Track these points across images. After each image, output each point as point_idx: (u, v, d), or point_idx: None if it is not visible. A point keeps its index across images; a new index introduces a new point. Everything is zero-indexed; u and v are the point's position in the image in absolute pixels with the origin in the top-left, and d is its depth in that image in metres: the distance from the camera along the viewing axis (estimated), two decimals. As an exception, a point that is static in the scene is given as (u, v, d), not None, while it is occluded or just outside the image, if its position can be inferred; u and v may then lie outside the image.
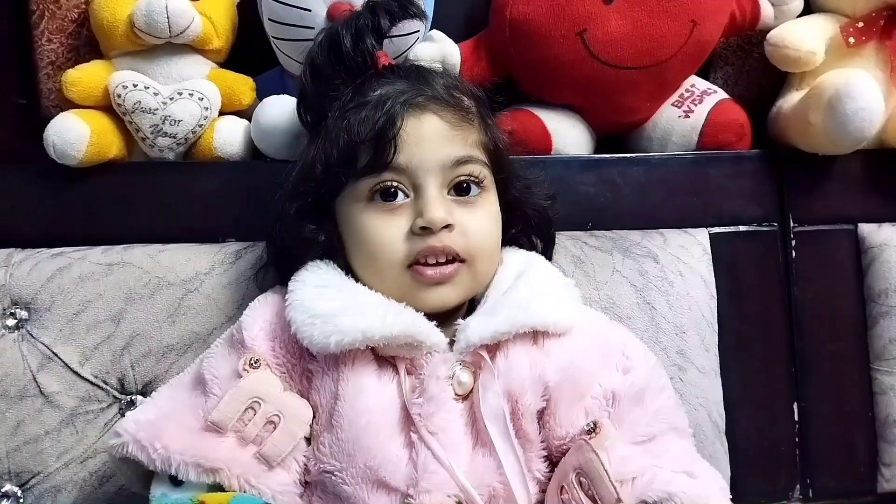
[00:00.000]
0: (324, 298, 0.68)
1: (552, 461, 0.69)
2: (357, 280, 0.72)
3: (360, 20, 0.76)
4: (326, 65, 0.76)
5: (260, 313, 0.72)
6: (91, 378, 0.82)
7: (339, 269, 0.73)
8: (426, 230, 0.68)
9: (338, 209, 0.74)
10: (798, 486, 0.96)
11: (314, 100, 0.77)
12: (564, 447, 0.68)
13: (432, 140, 0.70)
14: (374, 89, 0.72)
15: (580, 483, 0.64)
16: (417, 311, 0.69)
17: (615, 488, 0.62)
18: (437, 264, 0.69)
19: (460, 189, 0.71)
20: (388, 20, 0.77)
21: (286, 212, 0.74)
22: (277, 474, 0.65)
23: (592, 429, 0.66)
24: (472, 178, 0.71)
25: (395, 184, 0.70)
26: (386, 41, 0.81)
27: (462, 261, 0.70)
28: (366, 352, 0.67)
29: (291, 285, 0.71)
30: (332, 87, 0.75)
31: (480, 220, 0.71)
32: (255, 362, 0.68)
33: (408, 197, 0.70)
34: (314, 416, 0.68)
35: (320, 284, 0.70)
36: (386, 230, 0.70)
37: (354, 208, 0.71)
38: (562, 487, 0.65)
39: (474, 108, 0.74)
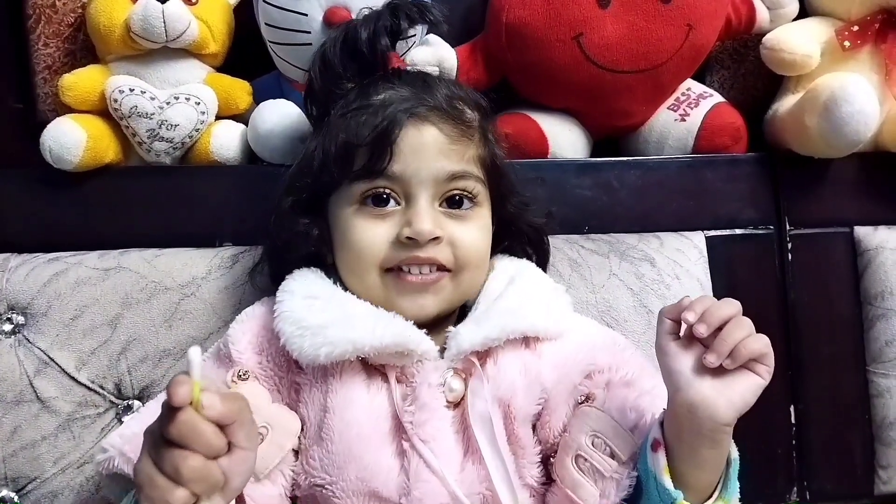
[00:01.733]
0: (313, 310, 0.68)
1: (548, 466, 0.69)
2: (345, 288, 0.72)
3: (379, 20, 0.76)
4: (337, 60, 0.75)
5: (248, 327, 0.72)
6: (88, 383, 0.82)
7: (327, 278, 0.73)
8: (412, 240, 0.68)
9: (330, 208, 0.74)
10: (795, 489, 0.96)
11: (321, 94, 0.77)
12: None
13: (429, 152, 0.69)
14: (378, 93, 0.72)
15: (594, 444, 0.65)
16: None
17: (631, 435, 0.64)
18: (421, 273, 0.69)
19: (452, 202, 0.71)
20: (407, 24, 0.77)
21: (282, 205, 0.74)
22: (264, 486, 0.64)
23: (586, 398, 0.68)
24: (466, 193, 0.71)
25: (387, 191, 0.69)
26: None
27: (448, 270, 0.70)
28: (354, 362, 0.67)
29: (279, 296, 0.70)
30: (339, 83, 0.75)
31: (470, 232, 0.71)
32: (244, 374, 0.68)
33: (399, 205, 0.70)
34: (302, 429, 0.68)
35: (309, 295, 0.70)
36: (371, 233, 0.69)
37: (346, 210, 0.71)
38: (577, 457, 0.65)
39: (476, 122, 0.74)
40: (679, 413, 0.59)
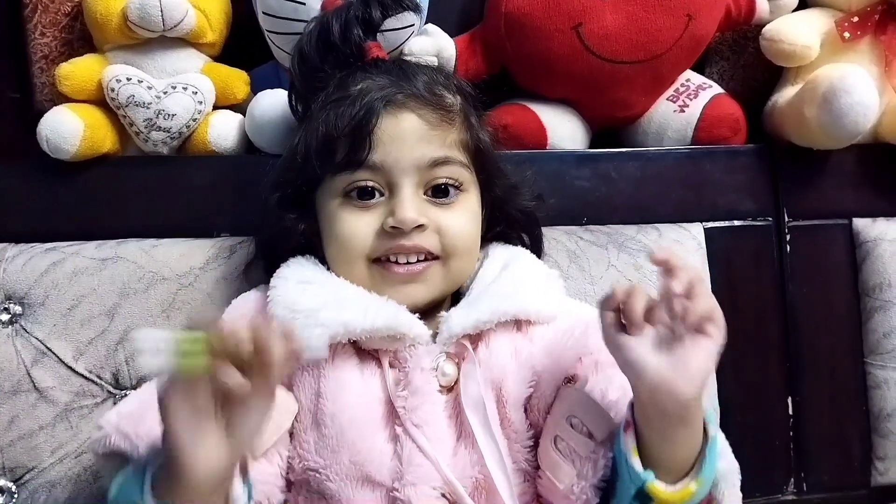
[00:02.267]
0: (306, 294, 0.68)
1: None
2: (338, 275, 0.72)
3: (350, 11, 0.76)
4: (314, 54, 0.75)
5: (243, 312, 0.72)
6: (85, 373, 0.82)
7: (320, 265, 0.73)
8: (397, 230, 0.68)
9: (317, 202, 0.74)
10: (792, 480, 0.97)
11: (302, 88, 0.77)
12: None
13: (409, 139, 0.69)
14: (355, 83, 0.72)
15: (573, 425, 0.64)
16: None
17: (608, 414, 0.63)
18: (408, 262, 0.70)
19: (438, 191, 0.71)
20: (381, 12, 0.77)
21: (269, 200, 0.74)
22: (259, 464, 0.65)
23: (570, 379, 0.67)
24: (451, 181, 0.71)
25: (370, 184, 0.70)
26: (380, 35, 0.80)
27: (436, 258, 0.70)
28: (347, 347, 0.68)
29: (273, 282, 0.71)
30: (318, 76, 0.75)
31: (457, 219, 0.71)
32: None
33: (383, 195, 0.70)
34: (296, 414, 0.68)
35: (303, 280, 0.70)
36: (356, 225, 0.70)
37: (331, 204, 0.71)
38: (555, 438, 0.65)
39: (458, 106, 0.73)
40: (643, 398, 0.59)
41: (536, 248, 0.82)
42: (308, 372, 0.67)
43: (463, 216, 0.72)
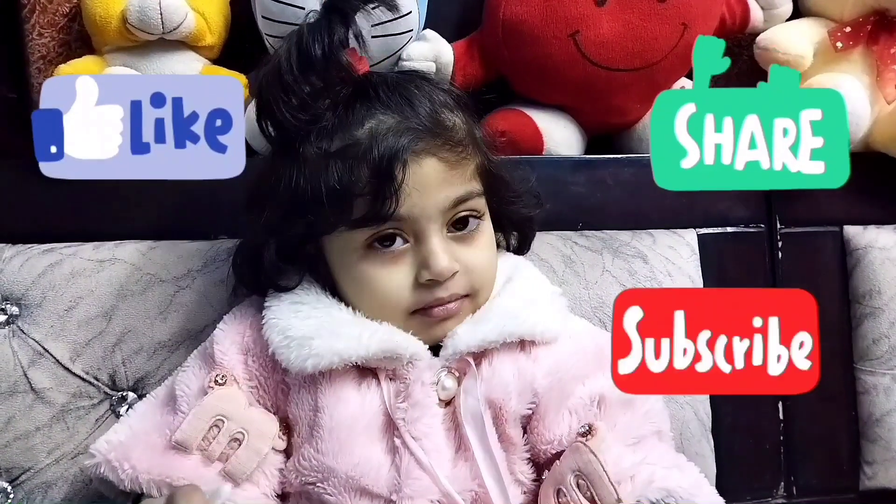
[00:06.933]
0: (298, 317, 0.67)
1: (537, 464, 0.69)
2: (332, 291, 0.71)
3: (330, 32, 0.65)
4: (296, 83, 0.65)
5: (233, 327, 0.72)
6: (82, 374, 0.82)
7: (315, 283, 0.71)
8: (433, 281, 0.67)
9: (327, 248, 0.70)
10: (782, 484, 0.98)
11: (286, 122, 0.66)
12: (551, 451, 0.67)
13: (432, 185, 0.66)
14: (359, 122, 0.65)
15: (578, 485, 0.63)
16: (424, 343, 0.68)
17: (615, 489, 0.61)
18: (446, 307, 0.68)
19: (459, 222, 0.69)
20: (344, 28, 0.66)
21: (266, 250, 0.70)
22: (245, 489, 0.65)
23: (587, 431, 0.65)
24: (472, 213, 0.69)
25: (394, 231, 0.67)
26: (378, 41, 0.80)
27: (466, 296, 0.70)
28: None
29: (268, 301, 0.70)
30: (307, 109, 0.66)
31: (480, 253, 0.70)
32: (222, 379, 0.68)
33: (406, 242, 0.67)
34: (294, 429, 0.68)
35: (295, 301, 0.69)
36: (391, 280, 0.67)
37: (351, 257, 0.68)
38: (559, 490, 0.64)
39: (464, 129, 0.70)
40: None
41: (522, 247, 0.81)
42: (305, 388, 0.67)
43: (484, 249, 0.70)
